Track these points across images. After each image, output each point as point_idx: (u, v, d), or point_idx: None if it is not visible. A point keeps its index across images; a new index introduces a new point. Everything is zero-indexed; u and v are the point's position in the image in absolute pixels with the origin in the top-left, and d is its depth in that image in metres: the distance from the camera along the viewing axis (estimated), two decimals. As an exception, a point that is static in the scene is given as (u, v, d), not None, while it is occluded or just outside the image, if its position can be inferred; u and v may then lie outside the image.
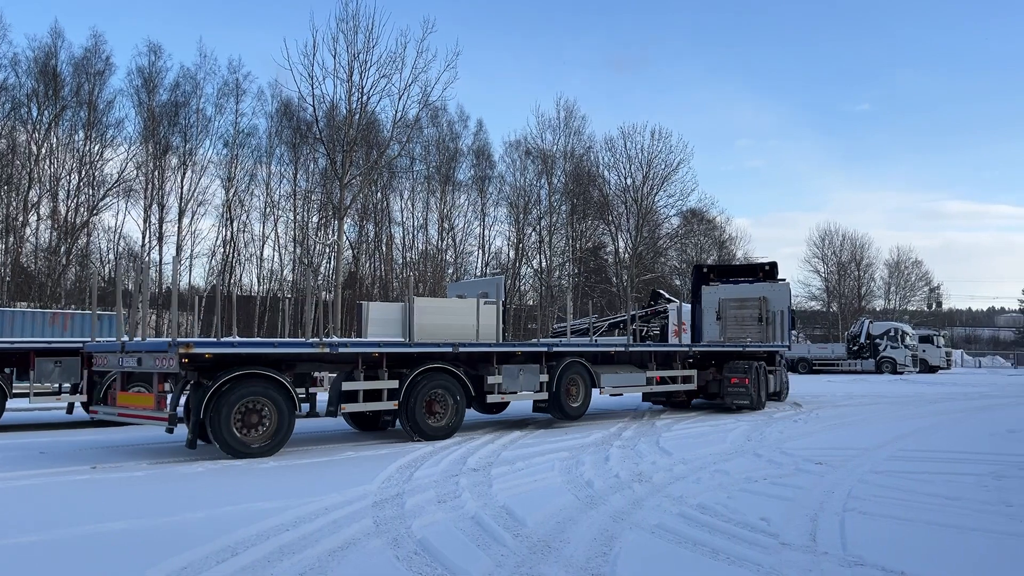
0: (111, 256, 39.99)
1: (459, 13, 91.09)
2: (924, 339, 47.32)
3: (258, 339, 12.54)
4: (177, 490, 8.11)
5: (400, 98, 34.14)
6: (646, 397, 17.71)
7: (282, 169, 43.67)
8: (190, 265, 40.78)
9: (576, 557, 5.57)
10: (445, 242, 47.92)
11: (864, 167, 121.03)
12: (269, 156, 43.19)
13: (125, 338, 11.23)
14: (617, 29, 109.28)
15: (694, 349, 17.43)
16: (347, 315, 35.91)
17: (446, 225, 47.71)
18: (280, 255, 43.76)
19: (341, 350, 11.19)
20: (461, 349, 12.55)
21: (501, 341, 14.02)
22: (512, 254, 49.88)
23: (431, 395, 12.10)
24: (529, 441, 12.04)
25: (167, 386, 10.45)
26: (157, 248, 38.55)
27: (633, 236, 49.49)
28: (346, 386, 11.33)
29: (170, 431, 10.05)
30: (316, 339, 11.11)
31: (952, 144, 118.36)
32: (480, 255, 50.13)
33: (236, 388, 10.08)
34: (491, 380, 12.92)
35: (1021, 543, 6.01)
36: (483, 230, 49.87)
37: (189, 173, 39.88)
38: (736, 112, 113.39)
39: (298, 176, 43.62)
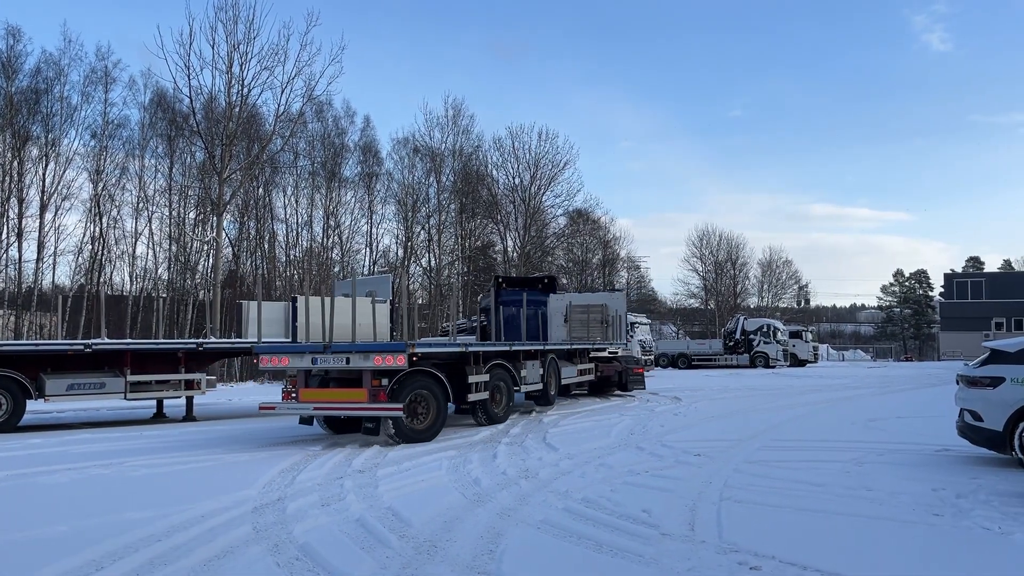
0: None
1: (344, 9, 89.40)
2: (794, 335, 49.96)
3: (439, 339, 14.03)
4: (37, 502, 7.58)
5: (283, 91, 33.14)
6: (571, 388, 19.99)
7: (156, 162, 41.41)
8: (54, 263, 38.22)
9: (462, 556, 5.55)
10: (331, 240, 46.87)
11: (737, 170, 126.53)
12: (142, 149, 40.78)
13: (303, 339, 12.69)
14: (497, 27, 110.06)
15: (596, 345, 20.03)
16: (227, 315, 34.58)
17: (332, 222, 46.61)
18: (155, 253, 41.70)
19: (470, 349, 13.22)
20: (514, 347, 15.17)
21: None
22: (401, 252, 49.38)
23: (494, 386, 13.89)
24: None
25: (384, 381, 11.48)
26: (16, 244, 35.90)
27: (521, 235, 49.94)
28: (471, 379, 12.99)
29: (395, 422, 11.48)
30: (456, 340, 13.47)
31: (815, 150, 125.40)
32: (368, 253, 49.27)
33: (407, 383, 11.53)
34: (523, 373, 15.12)
35: (881, 525, 6.41)
36: (371, 228, 49.02)
37: (52, 165, 37.21)
38: (616, 115, 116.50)
39: (174, 170, 41.51)
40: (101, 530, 6.21)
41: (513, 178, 50.59)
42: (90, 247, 38.95)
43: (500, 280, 23.99)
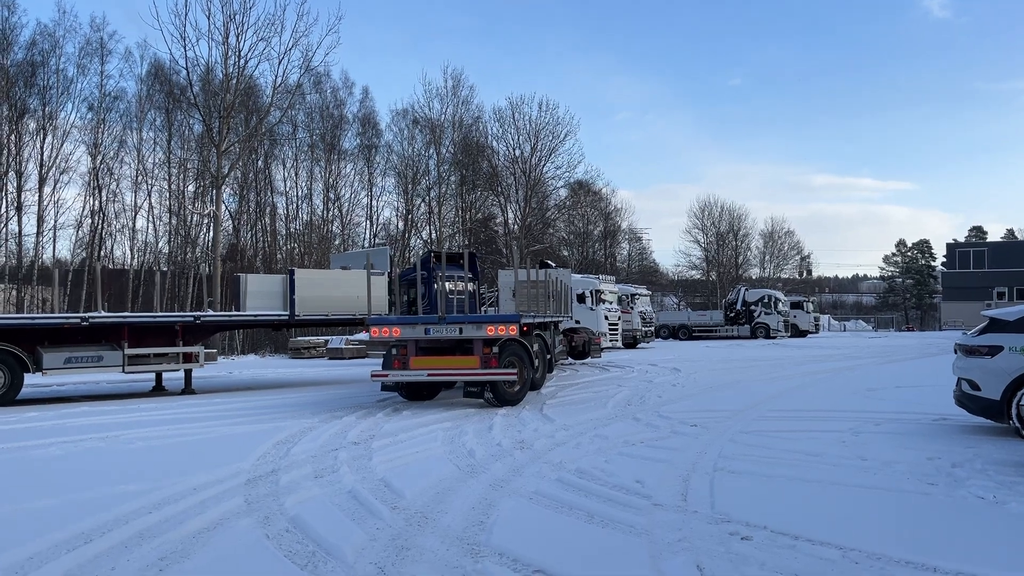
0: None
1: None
2: (795, 305, 49.91)
3: (532, 311, 14.61)
4: (30, 475, 7.58)
5: (280, 62, 32.96)
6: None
7: (155, 135, 41.14)
8: (54, 237, 38.15)
9: (453, 527, 5.53)
10: (331, 212, 46.72)
11: (738, 140, 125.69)
12: (140, 121, 40.56)
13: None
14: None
15: (572, 317, 22.20)
16: (227, 288, 34.57)
17: (331, 195, 46.45)
18: (155, 226, 41.59)
19: (536, 319, 14.12)
20: (546, 319, 15.89)
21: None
22: (401, 225, 49.23)
23: (538, 354, 14.45)
24: (412, 412, 11.94)
25: (494, 349, 12.09)
26: (16, 219, 35.83)
27: (522, 207, 49.73)
28: (534, 347, 13.61)
29: (513, 385, 12.52)
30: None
31: (816, 120, 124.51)
32: (368, 226, 49.12)
33: (506, 350, 12.29)
34: (548, 342, 15.95)
35: (874, 494, 6.38)
36: (370, 200, 48.82)
37: (50, 138, 37.04)
38: (614, 86, 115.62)
39: (172, 143, 41.27)
40: (93, 503, 6.20)
41: (514, 149, 50.26)
42: (90, 221, 38.86)
43: (432, 255, 24.32)
